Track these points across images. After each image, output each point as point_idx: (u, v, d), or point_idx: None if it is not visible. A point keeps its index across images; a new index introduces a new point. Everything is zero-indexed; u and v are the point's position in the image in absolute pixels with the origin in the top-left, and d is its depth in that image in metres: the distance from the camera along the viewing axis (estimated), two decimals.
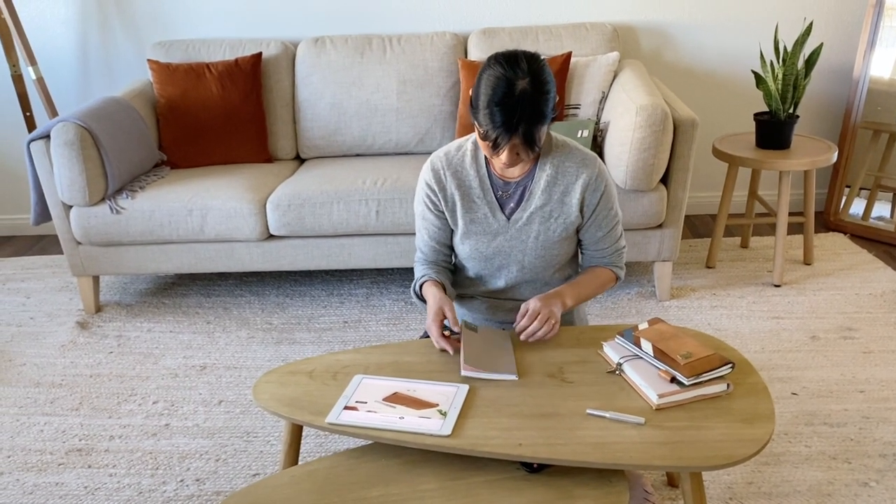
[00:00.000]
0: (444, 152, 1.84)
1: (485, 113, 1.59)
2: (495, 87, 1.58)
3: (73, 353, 2.77)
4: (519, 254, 1.83)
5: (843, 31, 3.48)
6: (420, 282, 1.86)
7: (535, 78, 1.58)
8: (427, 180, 1.83)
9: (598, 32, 3.27)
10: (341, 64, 3.25)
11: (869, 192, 3.48)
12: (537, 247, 1.81)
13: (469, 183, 1.81)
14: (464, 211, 1.82)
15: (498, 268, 1.86)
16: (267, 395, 1.62)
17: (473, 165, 1.81)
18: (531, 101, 1.58)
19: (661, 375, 1.57)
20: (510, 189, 1.80)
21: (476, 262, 1.87)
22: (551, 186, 1.78)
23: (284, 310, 3.02)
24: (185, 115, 3.16)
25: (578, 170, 1.77)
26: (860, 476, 1.98)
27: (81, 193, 2.80)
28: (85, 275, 2.99)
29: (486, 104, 1.59)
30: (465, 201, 1.82)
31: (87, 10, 3.49)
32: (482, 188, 1.80)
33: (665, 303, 2.93)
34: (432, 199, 1.84)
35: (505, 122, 1.58)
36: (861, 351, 2.55)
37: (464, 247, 1.86)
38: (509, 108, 1.57)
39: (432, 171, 1.83)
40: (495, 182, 1.81)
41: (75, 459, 2.20)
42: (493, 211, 1.81)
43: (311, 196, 2.82)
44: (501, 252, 1.83)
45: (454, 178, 1.81)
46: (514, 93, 1.57)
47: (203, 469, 2.14)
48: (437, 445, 1.44)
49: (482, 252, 1.84)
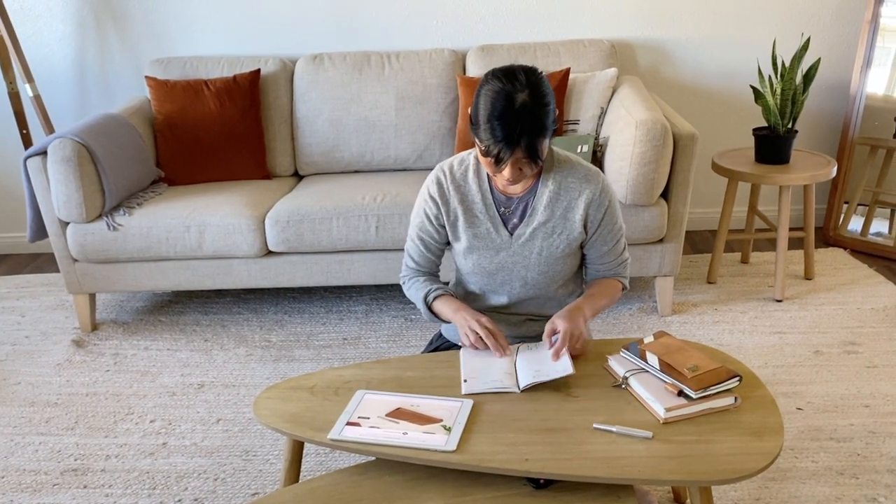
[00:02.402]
0: (448, 166, 1.83)
1: (485, 128, 1.58)
2: (494, 102, 1.56)
3: (69, 371, 2.74)
4: (522, 269, 1.81)
5: (840, 46, 3.50)
6: (435, 294, 1.83)
7: (534, 90, 1.57)
8: (431, 192, 1.81)
9: (595, 49, 3.28)
10: (339, 81, 3.25)
11: (867, 207, 3.47)
12: (540, 262, 1.79)
13: (472, 198, 1.80)
14: (466, 225, 1.80)
15: (501, 283, 1.84)
16: (268, 411, 1.60)
17: (476, 180, 1.80)
18: (531, 113, 1.56)
19: (668, 389, 1.55)
20: (513, 205, 1.78)
21: (479, 277, 1.84)
22: (554, 202, 1.76)
23: (283, 327, 2.99)
24: (182, 131, 3.15)
25: (581, 185, 1.75)
26: (868, 492, 1.96)
27: (78, 210, 2.78)
28: (81, 292, 2.97)
29: (486, 119, 1.57)
30: (468, 216, 1.80)
31: (84, 27, 3.49)
32: (484, 203, 1.79)
33: (667, 318, 2.91)
34: (435, 212, 1.82)
35: (506, 136, 1.56)
36: (865, 365, 2.53)
37: (466, 262, 1.84)
38: (510, 121, 1.55)
39: (437, 184, 1.81)
40: (497, 198, 1.79)
41: (71, 480, 2.16)
42: (496, 226, 1.79)
43: (310, 212, 2.80)
44: (504, 268, 1.81)
45: (457, 192, 1.80)
46: (514, 106, 1.55)
47: (201, 489, 2.10)
48: (441, 461, 1.41)
49: (485, 268, 1.82)
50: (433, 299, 1.83)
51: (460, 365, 1.71)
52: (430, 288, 1.85)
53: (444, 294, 1.83)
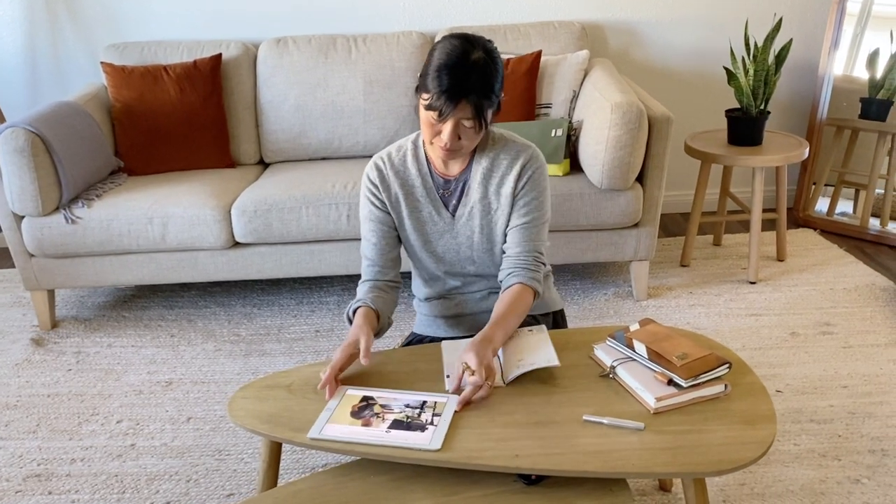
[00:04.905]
0: (387, 154, 1.77)
1: (433, 77, 1.52)
2: (449, 53, 1.52)
3: (28, 371, 2.62)
4: (467, 249, 1.77)
5: (810, 27, 3.50)
6: (354, 307, 1.72)
7: (489, 54, 1.55)
8: (372, 178, 1.76)
9: (566, 31, 3.23)
10: (305, 65, 3.15)
11: (833, 188, 3.50)
12: (483, 241, 1.76)
13: (412, 182, 1.75)
14: (409, 211, 1.76)
15: (451, 265, 1.80)
16: (243, 411, 1.52)
17: (415, 164, 1.75)
18: (483, 72, 1.53)
19: (658, 378, 1.51)
20: (451, 186, 1.75)
21: (429, 263, 1.81)
22: (487, 178, 1.72)
23: (252, 320, 2.91)
24: (142, 119, 3.03)
25: (512, 160, 1.71)
26: (851, 473, 1.96)
27: (33, 203, 2.65)
28: (39, 289, 2.84)
29: (436, 68, 1.52)
30: (410, 200, 1.75)
31: (34, 10, 3.33)
32: (425, 187, 1.75)
33: (643, 302, 2.89)
34: (378, 196, 1.76)
35: (453, 86, 1.50)
36: (841, 346, 2.54)
37: (415, 249, 1.80)
38: (461, 72, 1.51)
39: (376, 170, 1.76)
40: (437, 180, 1.75)
41: (34, 486, 2.06)
42: (438, 209, 1.75)
43: (278, 201, 2.71)
44: (451, 249, 1.78)
45: (397, 177, 1.75)
46: (468, 60, 1.52)
47: (173, 491, 2.02)
48: (428, 460, 1.36)
49: (433, 252, 1.79)
50: (353, 312, 1.72)
51: (443, 360, 1.66)
52: (357, 299, 1.74)
53: (360, 307, 1.71)
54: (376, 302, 1.73)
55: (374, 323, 1.69)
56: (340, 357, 1.57)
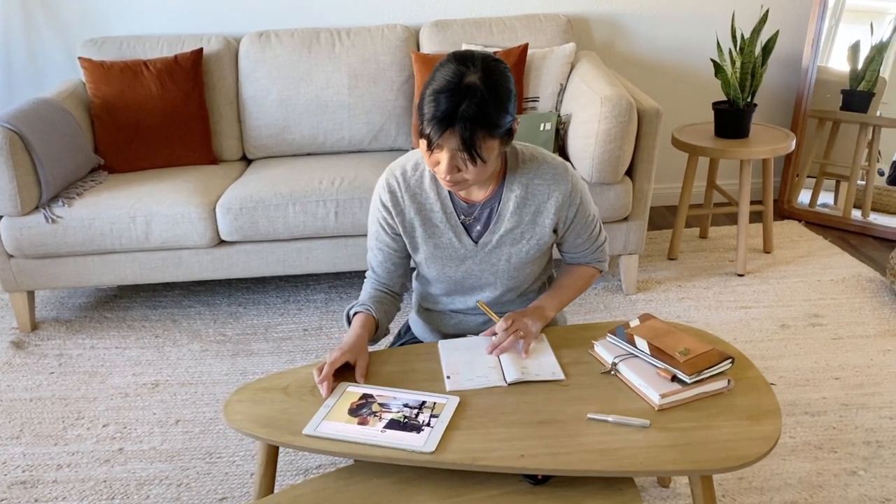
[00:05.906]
0: (401, 171, 1.64)
1: (425, 101, 1.41)
2: (442, 78, 1.41)
3: (9, 375, 2.55)
4: (490, 276, 1.69)
5: (796, 19, 3.51)
6: (354, 310, 1.69)
7: (488, 76, 1.40)
8: (384, 201, 1.65)
9: (552, 24, 3.21)
10: (288, 59, 3.10)
11: (815, 179, 3.52)
12: (509, 269, 1.68)
13: (430, 206, 1.63)
14: (426, 236, 1.66)
15: (469, 288, 1.73)
16: (240, 415, 1.48)
17: (433, 187, 1.62)
18: (479, 99, 1.37)
19: (661, 374, 1.50)
20: (475, 211, 1.64)
21: (445, 284, 1.73)
22: (521, 208, 1.62)
23: (238, 319, 2.86)
24: (122, 115, 2.96)
25: (550, 188, 1.61)
26: (847, 465, 1.96)
27: (12, 202, 2.58)
28: (18, 290, 2.77)
29: (429, 93, 1.41)
30: (427, 226, 1.65)
31: (8, 5, 3.24)
32: (444, 212, 1.63)
33: (632, 296, 2.89)
34: (389, 222, 1.67)
35: (440, 112, 1.37)
36: (831, 337, 2.55)
37: (430, 271, 1.71)
38: (450, 98, 1.37)
39: (389, 192, 1.64)
40: (458, 205, 1.63)
41: (19, 494, 2.01)
42: (459, 236, 1.65)
43: (264, 198, 2.67)
44: (471, 275, 1.70)
45: (413, 201, 1.63)
46: (460, 84, 1.38)
47: (164, 496, 1.97)
48: (430, 462, 1.33)
49: (450, 276, 1.70)
50: (353, 315, 1.69)
51: (441, 359, 1.63)
52: (358, 302, 1.71)
53: (360, 312, 1.68)
54: (378, 311, 1.69)
55: (373, 331, 1.67)
56: (340, 357, 1.54)
